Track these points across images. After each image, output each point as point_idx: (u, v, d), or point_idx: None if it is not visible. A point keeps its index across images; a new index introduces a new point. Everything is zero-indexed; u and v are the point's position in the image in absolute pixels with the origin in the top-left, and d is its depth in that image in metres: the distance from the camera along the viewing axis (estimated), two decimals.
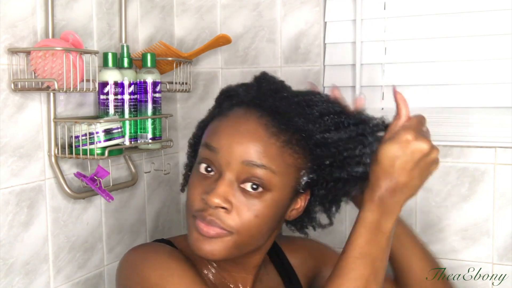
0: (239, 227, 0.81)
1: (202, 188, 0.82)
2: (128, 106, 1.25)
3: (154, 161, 1.45)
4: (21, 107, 1.10)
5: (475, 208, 1.30)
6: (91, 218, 1.29)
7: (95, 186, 1.19)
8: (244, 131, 0.82)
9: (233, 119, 0.84)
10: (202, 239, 0.81)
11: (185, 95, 1.57)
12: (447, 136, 1.32)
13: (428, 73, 1.36)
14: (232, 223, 0.81)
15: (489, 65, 1.31)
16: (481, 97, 1.32)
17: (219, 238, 0.81)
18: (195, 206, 0.82)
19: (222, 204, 0.80)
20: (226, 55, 1.53)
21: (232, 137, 0.82)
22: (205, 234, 0.81)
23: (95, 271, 1.31)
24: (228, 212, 0.81)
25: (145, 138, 1.30)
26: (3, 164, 1.07)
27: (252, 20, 1.49)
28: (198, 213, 0.82)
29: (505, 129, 1.27)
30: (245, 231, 0.82)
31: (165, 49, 1.37)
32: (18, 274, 1.11)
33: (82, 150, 1.14)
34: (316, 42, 1.43)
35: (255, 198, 0.81)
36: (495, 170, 1.29)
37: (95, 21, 1.28)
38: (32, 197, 1.14)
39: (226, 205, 0.80)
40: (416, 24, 1.36)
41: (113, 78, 1.20)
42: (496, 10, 1.29)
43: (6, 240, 1.08)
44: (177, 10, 1.57)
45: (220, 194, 0.80)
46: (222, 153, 0.81)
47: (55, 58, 1.06)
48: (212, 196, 0.79)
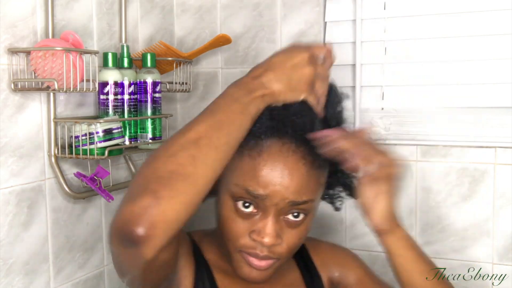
0: (286, 252, 0.86)
1: (247, 226, 0.84)
2: (128, 106, 1.25)
3: None
4: (21, 107, 1.10)
5: (475, 208, 1.30)
6: (91, 218, 1.29)
7: (95, 186, 1.19)
8: (286, 173, 0.82)
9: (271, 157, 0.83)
10: (254, 271, 0.86)
11: (185, 95, 1.57)
12: (447, 136, 1.32)
13: (428, 73, 1.36)
14: (281, 251, 0.86)
15: (489, 65, 1.31)
16: (481, 97, 1.32)
17: (270, 267, 0.87)
18: (241, 243, 0.85)
19: (275, 242, 0.84)
20: (226, 55, 1.53)
21: (280, 182, 0.82)
22: (259, 268, 0.86)
23: (95, 271, 1.31)
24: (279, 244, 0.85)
25: (145, 138, 1.30)
26: (3, 164, 1.07)
27: (252, 20, 1.49)
28: (248, 250, 0.85)
29: (505, 129, 1.27)
30: (290, 253, 0.88)
31: (165, 49, 1.37)
32: (18, 274, 1.11)
33: (82, 150, 1.14)
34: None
35: (298, 224, 0.86)
36: (495, 170, 1.29)
37: (95, 21, 1.28)
38: (32, 197, 1.14)
39: (278, 241, 0.84)
40: (416, 24, 1.36)
41: (113, 78, 1.20)
42: (496, 10, 1.28)
43: (6, 240, 1.09)
44: (177, 10, 1.57)
45: (272, 234, 0.83)
46: (267, 199, 0.82)
47: (55, 58, 1.06)
48: (267, 237, 0.83)
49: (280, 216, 0.84)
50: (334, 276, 1.02)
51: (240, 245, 0.85)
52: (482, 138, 1.30)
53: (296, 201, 0.83)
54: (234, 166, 0.84)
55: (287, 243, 0.85)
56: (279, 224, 0.84)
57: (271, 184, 0.82)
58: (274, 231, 0.83)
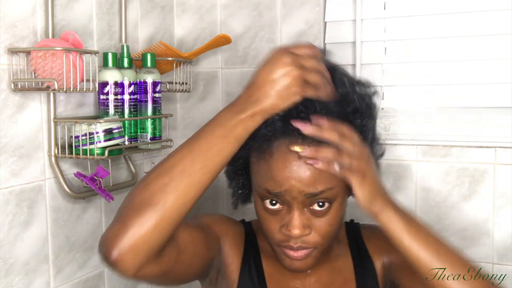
0: (321, 240, 0.90)
1: (278, 222, 0.90)
2: (128, 106, 1.25)
3: (154, 161, 1.45)
4: (21, 107, 1.10)
5: (475, 208, 1.30)
6: (91, 218, 1.29)
7: (95, 186, 1.19)
8: (297, 168, 0.86)
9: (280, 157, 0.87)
10: (295, 262, 0.91)
11: (185, 95, 1.57)
12: (447, 136, 1.32)
13: (428, 73, 1.36)
14: (315, 240, 0.90)
15: (489, 65, 1.31)
16: (481, 97, 1.32)
17: (309, 255, 0.91)
18: (276, 238, 0.91)
19: (303, 232, 0.88)
20: (226, 55, 1.53)
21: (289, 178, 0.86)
22: (297, 258, 0.90)
23: (95, 271, 1.31)
24: (309, 234, 0.89)
25: (145, 138, 1.30)
26: (3, 164, 1.07)
27: (252, 20, 1.49)
28: (284, 244, 0.90)
29: (505, 129, 1.27)
30: (326, 240, 0.91)
31: (165, 49, 1.37)
32: (18, 274, 1.11)
33: (82, 150, 1.14)
34: (316, 42, 1.43)
35: (325, 213, 0.89)
36: (495, 170, 1.29)
37: (95, 21, 1.28)
38: (32, 197, 1.14)
39: (306, 231, 0.88)
40: (416, 24, 1.36)
41: (113, 78, 1.20)
42: (496, 10, 1.28)
43: (6, 240, 1.08)
44: (177, 10, 1.57)
45: (299, 226, 0.87)
46: (286, 195, 0.87)
47: (55, 58, 1.06)
48: (293, 229, 0.87)
49: (304, 208, 0.88)
50: (386, 261, 1.03)
51: (276, 240, 0.91)
52: (482, 138, 1.30)
53: (312, 193, 0.86)
54: (256, 170, 0.90)
55: (318, 232, 0.89)
56: (305, 215, 0.88)
57: (285, 181, 0.86)
58: (300, 223, 0.87)
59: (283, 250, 0.91)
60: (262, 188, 0.89)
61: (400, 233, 0.87)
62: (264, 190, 0.88)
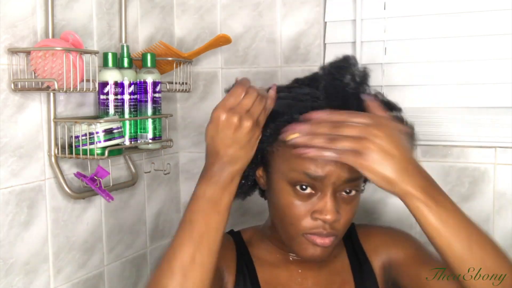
0: (343, 227, 0.91)
1: (308, 208, 0.89)
2: (128, 106, 1.25)
3: (154, 161, 1.45)
4: (21, 107, 1.10)
5: (475, 208, 1.30)
6: (91, 218, 1.29)
7: (95, 186, 1.19)
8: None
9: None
10: (319, 249, 0.90)
11: (185, 95, 1.57)
12: (447, 136, 1.32)
13: (428, 73, 1.36)
14: (340, 227, 0.91)
15: (489, 65, 1.31)
16: (481, 97, 1.32)
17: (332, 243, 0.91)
18: (305, 226, 0.89)
19: (337, 217, 0.88)
20: (226, 55, 1.53)
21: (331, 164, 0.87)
22: (324, 245, 0.90)
23: (95, 271, 1.31)
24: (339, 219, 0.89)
25: (145, 138, 1.30)
26: (3, 164, 1.07)
27: (252, 20, 1.49)
28: (312, 231, 0.89)
29: (505, 129, 1.27)
30: (345, 228, 0.92)
31: (165, 49, 1.37)
32: (18, 274, 1.11)
33: (82, 150, 1.14)
34: (316, 42, 1.43)
35: (351, 200, 0.91)
36: (495, 170, 1.29)
37: (95, 21, 1.28)
38: (32, 197, 1.14)
39: (338, 217, 0.89)
40: (416, 24, 1.36)
41: (113, 78, 1.20)
42: (496, 10, 1.28)
43: (6, 240, 1.08)
44: (177, 10, 1.57)
45: (334, 210, 0.88)
46: (329, 178, 0.87)
47: (55, 58, 1.06)
48: (329, 214, 0.87)
49: (336, 194, 0.89)
50: (385, 260, 1.02)
51: (304, 228, 0.89)
52: (482, 138, 1.30)
53: (351, 178, 0.88)
54: (287, 156, 0.89)
55: (344, 219, 0.90)
56: (336, 201, 0.89)
57: (328, 166, 0.87)
58: (334, 208, 0.88)
59: (310, 238, 0.90)
60: (299, 171, 0.87)
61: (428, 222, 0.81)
62: (301, 174, 0.87)
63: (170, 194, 1.57)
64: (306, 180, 0.88)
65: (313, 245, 0.90)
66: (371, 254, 1.02)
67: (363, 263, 1.01)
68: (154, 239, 1.51)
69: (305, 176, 0.87)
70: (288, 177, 0.89)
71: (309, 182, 0.88)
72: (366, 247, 1.03)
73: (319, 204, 0.88)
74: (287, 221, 0.91)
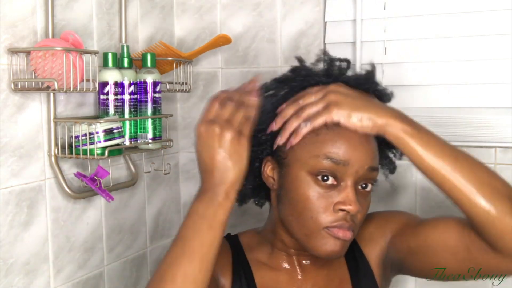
0: (361, 222, 0.90)
1: (330, 201, 0.87)
2: (128, 106, 1.25)
3: (154, 161, 1.45)
4: (21, 107, 1.10)
5: None
6: (91, 218, 1.29)
7: (95, 186, 1.19)
8: (363, 139, 0.88)
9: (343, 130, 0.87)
10: (339, 243, 0.88)
11: (185, 95, 1.57)
12: (447, 136, 1.31)
13: (428, 73, 1.36)
14: (358, 220, 0.89)
15: (489, 65, 1.31)
16: (481, 97, 1.32)
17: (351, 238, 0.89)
18: (328, 219, 0.87)
19: (359, 209, 0.87)
20: (226, 55, 1.53)
21: (356, 148, 0.86)
22: (346, 238, 0.88)
23: (95, 271, 1.31)
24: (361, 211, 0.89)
25: (145, 138, 1.30)
26: (3, 164, 1.07)
27: (252, 20, 1.49)
28: (334, 224, 0.87)
29: (505, 129, 1.27)
30: (361, 224, 0.91)
31: (165, 49, 1.37)
32: (18, 274, 1.11)
33: (82, 150, 1.14)
34: (316, 42, 1.43)
35: (367, 195, 0.90)
36: (495, 170, 1.28)
37: (95, 21, 1.28)
38: (32, 197, 1.14)
39: (360, 208, 0.87)
40: (416, 24, 1.36)
41: (113, 78, 1.20)
42: (496, 10, 1.28)
43: (6, 240, 1.08)
44: (177, 10, 1.57)
45: (356, 201, 0.86)
46: (352, 164, 0.86)
47: (55, 58, 1.06)
48: (353, 205, 0.86)
49: (356, 186, 0.88)
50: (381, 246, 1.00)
51: (326, 221, 0.87)
52: (482, 138, 1.30)
53: (373, 166, 0.88)
54: (310, 141, 0.88)
55: (361, 213, 0.89)
56: (356, 193, 0.88)
57: (351, 151, 0.86)
58: (356, 198, 0.87)
59: (332, 231, 0.87)
60: (322, 157, 0.86)
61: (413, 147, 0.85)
62: (325, 159, 0.86)
63: (170, 194, 1.57)
64: (329, 167, 0.86)
65: (334, 239, 0.88)
66: (366, 246, 1.01)
67: (359, 258, 1.00)
68: (154, 239, 1.51)
69: (328, 162, 0.86)
70: (310, 165, 0.87)
71: (332, 169, 0.86)
72: (360, 241, 1.01)
73: (341, 195, 0.87)
74: (307, 215, 0.88)
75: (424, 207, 1.34)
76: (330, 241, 0.88)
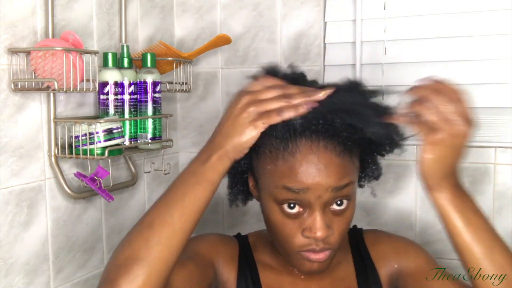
0: (338, 240, 0.89)
1: (298, 226, 0.87)
2: (128, 106, 1.25)
3: (154, 161, 1.45)
4: (21, 107, 1.10)
5: None
6: (91, 218, 1.29)
7: (95, 186, 1.19)
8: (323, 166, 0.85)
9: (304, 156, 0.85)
10: (315, 264, 0.89)
11: (185, 95, 1.57)
12: None
13: (428, 73, 1.34)
14: (335, 241, 0.88)
15: (489, 65, 1.31)
16: (481, 97, 1.32)
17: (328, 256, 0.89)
18: (297, 244, 0.88)
19: (327, 233, 0.86)
20: (226, 55, 1.53)
21: (314, 175, 0.84)
22: (319, 260, 0.89)
23: (95, 271, 1.31)
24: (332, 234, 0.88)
25: (145, 138, 1.30)
26: (3, 164, 1.07)
27: (252, 20, 1.49)
28: (305, 248, 0.88)
29: (505, 129, 1.27)
30: (341, 239, 0.90)
31: (165, 49, 1.37)
32: (18, 274, 1.11)
33: (82, 150, 1.14)
34: (316, 42, 1.43)
35: (343, 211, 0.88)
36: (495, 170, 1.29)
37: (95, 21, 1.28)
38: (32, 197, 1.14)
39: (330, 232, 0.87)
40: (416, 24, 1.36)
41: (113, 78, 1.20)
42: (496, 10, 1.29)
43: (6, 240, 1.08)
44: (177, 10, 1.57)
45: (324, 227, 0.86)
46: (313, 190, 0.85)
47: (55, 58, 1.06)
48: (318, 232, 0.85)
49: (325, 208, 0.87)
50: (393, 269, 1.00)
51: (297, 246, 0.88)
52: (482, 138, 1.30)
53: (338, 186, 0.85)
54: (270, 172, 0.87)
55: (337, 232, 0.88)
56: (327, 215, 0.87)
57: (310, 178, 0.85)
58: (324, 224, 0.86)
59: (304, 255, 0.88)
60: (281, 187, 0.86)
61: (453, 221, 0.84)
62: (284, 190, 0.85)
63: None
64: (289, 196, 0.85)
65: (309, 261, 0.89)
66: (378, 262, 1.00)
67: (369, 270, 0.99)
68: None
69: (288, 192, 0.85)
70: (273, 195, 0.87)
71: (294, 199, 0.85)
72: (374, 254, 1.01)
73: (308, 221, 0.86)
74: (280, 239, 0.90)
75: (424, 207, 1.35)
76: (305, 263, 0.90)
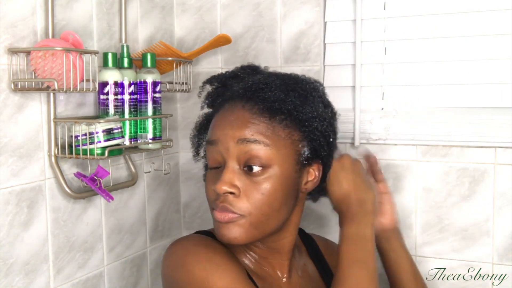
0: (250, 208, 0.88)
1: (213, 181, 0.90)
2: (128, 106, 1.25)
3: (154, 161, 1.45)
4: (21, 107, 1.10)
5: (475, 208, 1.30)
6: (91, 218, 1.29)
7: (95, 186, 1.19)
8: (233, 118, 0.90)
9: (223, 113, 0.94)
10: (221, 226, 0.89)
11: (185, 95, 1.57)
12: (447, 136, 1.32)
13: (428, 73, 1.36)
14: (242, 206, 0.87)
15: (489, 65, 1.31)
16: (481, 97, 1.32)
17: (235, 223, 0.88)
18: (210, 199, 0.91)
19: (229, 189, 0.87)
20: (226, 55, 1.53)
21: (224, 127, 0.90)
22: (221, 220, 0.88)
23: (95, 271, 1.31)
24: (237, 196, 0.87)
25: (145, 138, 1.30)
26: (3, 164, 1.07)
27: (252, 20, 1.49)
28: (213, 204, 0.89)
29: (505, 129, 1.27)
30: (257, 211, 0.88)
31: (165, 49, 1.37)
32: (18, 274, 1.11)
33: (82, 150, 1.14)
34: (316, 42, 1.43)
35: (258, 177, 0.88)
36: (495, 170, 1.29)
37: (95, 21, 1.28)
38: (32, 197, 1.14)
39: (233, 189, 0.87)
40: (416, 24, 1.36)
41: (113, 78, 1.20)
42: (496, 10, 1.28)
43: (6, 240, 1.09)
44: (177, 10, 1.57)
45: (226, 180, 0.87)
46: (220, 142, 0.89)
47: (55, 58, 1.06)
48: (219, 184, 0.87)
49: (236, 167, 0.89)
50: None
51: (210, 202, 0.91)
52: (482, 138, 1.30)
53: (244, 138, 0.88)
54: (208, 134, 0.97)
55: (248, 198, 0.88)
56: (237, 175, 0.89)
57: (220, 129, 0.91)
58: (228, 178, 0.88)
59: (213, 212, 0.90)
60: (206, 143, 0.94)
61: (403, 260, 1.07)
62: (208, 145, 0.93)
63: (170, 194, 1.57)
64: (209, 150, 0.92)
65: (217, 221, 0.90)
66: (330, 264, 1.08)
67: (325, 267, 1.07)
68: (154, 239, 1.51)
69: (208, 146, 0.92)
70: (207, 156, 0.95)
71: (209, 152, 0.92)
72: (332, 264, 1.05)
73: (219, 176, 0.89)
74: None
75: (424, 207, 1.35)
76: (215, 223, 0.91)
